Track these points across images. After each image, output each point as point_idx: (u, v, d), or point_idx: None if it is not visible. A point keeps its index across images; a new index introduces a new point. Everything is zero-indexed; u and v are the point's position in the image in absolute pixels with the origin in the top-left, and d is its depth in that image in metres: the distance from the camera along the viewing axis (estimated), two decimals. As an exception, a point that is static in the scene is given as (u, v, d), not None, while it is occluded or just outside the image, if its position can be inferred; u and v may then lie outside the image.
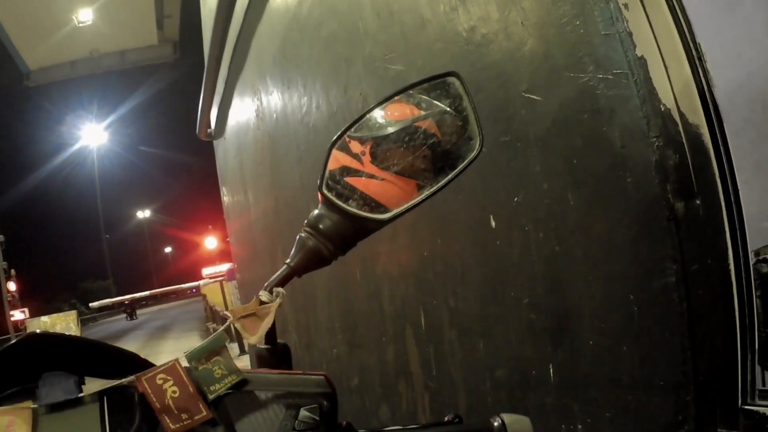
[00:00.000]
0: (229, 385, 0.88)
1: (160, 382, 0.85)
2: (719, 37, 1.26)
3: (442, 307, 2.24)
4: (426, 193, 0.96)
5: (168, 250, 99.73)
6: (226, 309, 19.87)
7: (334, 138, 0.98)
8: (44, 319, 27.17)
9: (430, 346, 2.39)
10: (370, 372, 3.18)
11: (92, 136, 79.08)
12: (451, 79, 1.02)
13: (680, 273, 1.25)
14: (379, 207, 0.96)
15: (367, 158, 0.96)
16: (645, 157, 1.28)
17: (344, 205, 0.95)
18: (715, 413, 1.24)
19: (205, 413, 0.85)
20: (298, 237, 0.99)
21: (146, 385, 0.85)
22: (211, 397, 0.87)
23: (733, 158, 1.22)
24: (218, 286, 24.18)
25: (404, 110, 0.99)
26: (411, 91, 1.01)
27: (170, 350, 18.15)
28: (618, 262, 1.39)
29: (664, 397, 1.31)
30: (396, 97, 1.00)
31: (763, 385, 1.20)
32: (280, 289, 0.96)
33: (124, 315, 44.22)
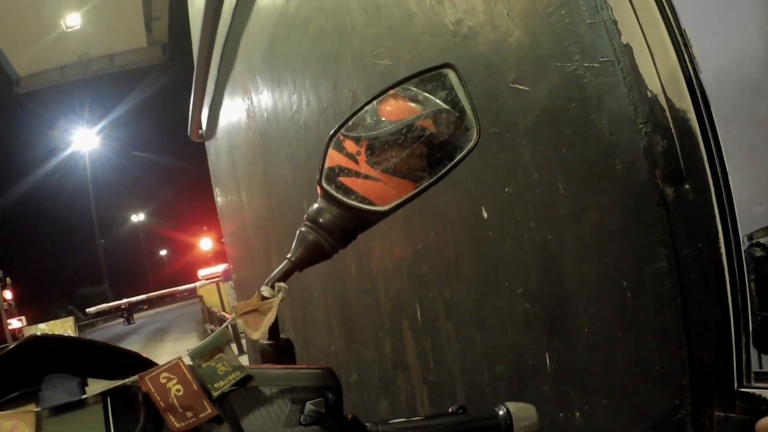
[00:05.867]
0: (233, 381, 0.88)
1: (163, 380, 0.86)
2: (706, 24, 1.26)
3: (438, 299, 2.24)
4: (425, 184, 0.96)
5: (163, 252, 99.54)
6: (223, 310, 19.87)
7: (332, 131, 0.97)
8: (41, 326, 27.22)
9: (427, 339, 2.40)
10: (368, 367, 3.19)
11: (84, 140, 78.96)
12: (447, 71, 1.02)
13: (672, 258, 1.25)
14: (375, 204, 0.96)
15: (362, 158, 0.95)
16: (633, 143, 1.28)
17: (344, 198, 0.95)
18: (711, 396, 1.25)
19: (209, 411, 0.86)
20: (298, 231, 0.99)
21: (150, 385, 0.85)
22: (215, 394, 0.87)
23: (723, 144, 1.22)
24: (215, 287, 24.19)
25: (400, 108, 0.98)
26: (406, 85, 1.00)
27: (168, 352, 18.15)
28: (610, 249, 1.39)
29: (661, 382, 1.32)
30: (391, 91, 1.00)
31: (759, 367, 1.21)
32: (281, 284, 0.96)
33: (122, 320, 44.11)
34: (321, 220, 0.97)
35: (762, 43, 1.20)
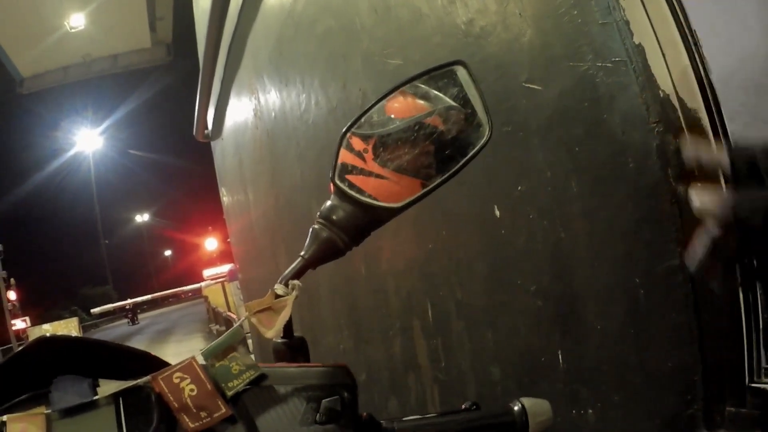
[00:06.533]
0: (247, 380, 0.88)
1: (176, 380, 0.85)
2: (712, 24, 1.27)
3: (449, 299, 2.25)
4: (437, 181, 0.96)
5: (168, 253, 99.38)
6: (229, 310, 19.84)
7: (344, 130, 0.98)
8: (45, 326, 27.20)
9: (438, 338, 2.40)
10: (377, 366, 3.19)
11: (88, 141, 78.85)
12: (458, 68, 1.01)
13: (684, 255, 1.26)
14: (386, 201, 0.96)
15: (369, 156, 0.95)
16: (646, 142, 1.29)
17: (357, 195, 0.95)
18: (723, 392, 1.26)
19: (224, 410, 0.85)
20: (311, 229, 0.98)
21: (163, 385, 0.84)
22: (229, 393, 0.87)
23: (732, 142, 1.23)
24: (220, 288, 24.14)
25: (408, 105, 0.98)
26: (416, 82, 1.00)
27: (173, 353, 18.12)
28: (623, 247, 1.40)
29: (672, 379, 1.33)
30: (401, 89, 0.99)
31: (770, 363, 1.22)
32: (296, 282, 0.95)
33: (126, 320, 44.03)
34: (334, 217, 0.97)
35: (767, 42, 1.21)
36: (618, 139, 1.36)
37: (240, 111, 5.73)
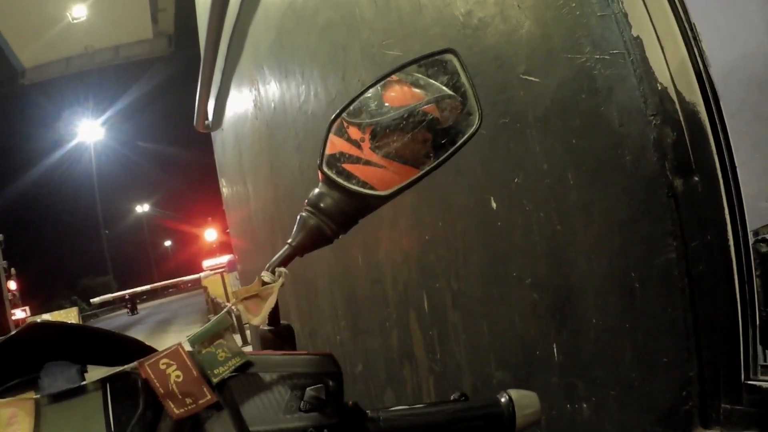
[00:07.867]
0: (233, 367, 0.88)
1: (163, 367, 0.85)
2: (713, 19, 1.26)
3: (445, 290, 2.25)
4: (426, 168, 0.96)
5: (168, 243, 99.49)
6: (228, 301, 19.84)
7: (333, 117, 0.98)
8: (45, 316, 27.27)
9: (434, 329, 2.40)
10: (374, 357, 3.19)
11: (89, 132, 78.93)
12: (448, 56, 1.01)
13: (681, 249, 1.26)
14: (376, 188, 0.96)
15: (366, 144, 0.95)
16: (643, 135, 1.29)
17: (345, 183, 0.95)
18: (718, 389, 1.25)
19: (209, 397, 0.85)
20: (299, 216, 0.98)
21: (149, 371, 0.84)
22: (215, 380, 0.86)
23: (730, 137, 1.23)
24: (219, 278, 24.16)
25: (403, 93, 0.97)
26: (408, 70, 1.00)
27: (173, 343, 18.12)
28: (619, 240, 1.39)
29: (668, 374, 1.32)
30: (393, 76, 0.99)
31: (765, 360, 1.21)
32: (282, 269, 0.96)
33: (126, 310, 44.07)
34: (322, 204, 0.97)
35: (768, 39, 1.20)
36: (615, 132, 1.35)
37: (240, 102, 5.72)
